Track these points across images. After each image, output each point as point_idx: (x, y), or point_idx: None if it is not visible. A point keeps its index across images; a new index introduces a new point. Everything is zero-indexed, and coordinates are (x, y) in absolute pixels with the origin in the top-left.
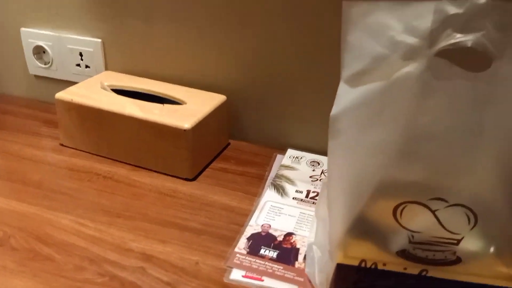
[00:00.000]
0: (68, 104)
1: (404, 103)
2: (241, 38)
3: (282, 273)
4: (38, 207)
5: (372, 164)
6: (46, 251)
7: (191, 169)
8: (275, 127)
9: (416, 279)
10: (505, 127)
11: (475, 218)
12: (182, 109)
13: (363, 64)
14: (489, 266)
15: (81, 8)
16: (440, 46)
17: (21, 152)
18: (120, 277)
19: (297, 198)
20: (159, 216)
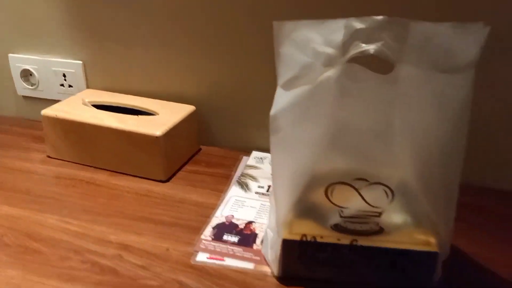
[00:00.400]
0: (53, 120)
1: (327, 102)
2: (207, 58)
3: (241, 254)
4: (27, 210)
5: (305, 153)
6: (35, 246)
7: (164, 172)
8: (241, 132)
9: (349, 248)
10: (410, 119)
11: (392, 194)
12: (155, 119)
13: (293, 72)
14: (409, 235)
15: (63, 34)
16: (351, 54)
17: (11, 165)
18: (101, 263)
19: (259, 193)
20: (135, 213)
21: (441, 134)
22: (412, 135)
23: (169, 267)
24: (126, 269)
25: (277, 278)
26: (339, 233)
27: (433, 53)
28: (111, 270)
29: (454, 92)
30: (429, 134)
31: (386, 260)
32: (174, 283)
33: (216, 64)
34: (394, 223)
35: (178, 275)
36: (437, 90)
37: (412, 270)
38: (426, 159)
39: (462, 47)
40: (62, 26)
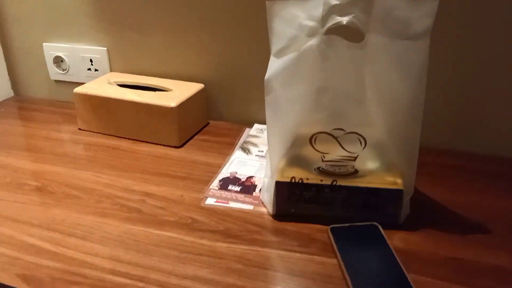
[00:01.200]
0: (83, 96)
1: (309, 66)
2: (214, 41)
3: (243, 199)
4: (66, 168)
5: (292, 109)
6: (74, 193)
7: (178, 139)
8: (244, 107)
9: (330, 187)
10: (378, 80)
11: (365, 142)
12: (169, 94)
13: (283, 42)
14: (379, 177)
15: (89, 24)
16: (328, 25)
17: (48, 135)
18: (128, 205)
19: (259, 155)
20: (154, 170)
21: (404, 92)
22: (380, 95)
23: (184, 208)
24: (149, 209)
25: (272, 215)
26: (321, 176)
27: (394, 23)
28: (137, 209)
29: (414, 56)
30: (394, 92)
31: (360, 197)
32: (187, 219)
33: (221, 46)
34: (367, 168)
35: (191, 213)
36: (399, 54)
37: (383, 206)
38: (392, 114)
39: (418, 17)
40: (89, 16)
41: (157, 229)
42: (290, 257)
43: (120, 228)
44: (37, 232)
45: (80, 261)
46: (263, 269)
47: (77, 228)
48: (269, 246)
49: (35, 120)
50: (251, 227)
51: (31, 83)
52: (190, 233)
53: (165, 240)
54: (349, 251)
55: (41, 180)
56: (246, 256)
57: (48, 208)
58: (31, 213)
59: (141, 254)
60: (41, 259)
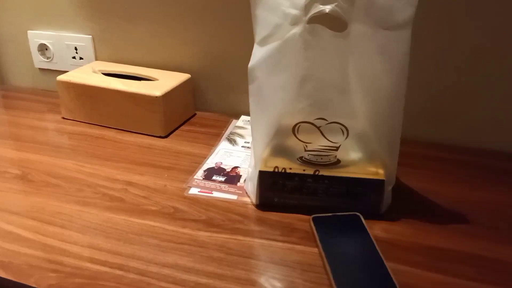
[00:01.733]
0: (67, 84)
1: (293, 54)
2: (201, 31)
3: (227, 189)
4: (47, 156)
5: (276, 98)
6: (55, 182)
7: (163, 128)
8: (232, 99)
9: (312, 177)
10: (361, 69)
11: (347, 132)
12: (155, 84)
13: (267, 31)
14: (361, 167)
15: (75, 11)
16: (311, 14)
17: (31, 124)
18: (110, 194)
19: (245, 146)
20: (139, 160)
21: (386, 82)
22: (363, 83)
23: (166, 197)
24: (131, 198)
25: (255, 205)
26: (304, 165)
27: (376, 12)
28: (119, 199)
29: (396, 46)
30: (377, 82)
31: (342, 187)
32: (170, 208)
33: (208, 36)
34: (350, 158)
35: (174, 203)
36: (381, 44)
37: (364, 196)
38: (374, 104)
39: (400, 7)
40: (74, 3)
41: (139, 218)
42: (271, 246)
43: (100, 217)
44: (16, 220)
45: (58, 249)
46: (244, 258)
47: (57, 217)
48: (251, 235)
49: (18, 109)
50: (234, 217)
51: (15, 71)
52: (172, 222)
53: (146, 229)
54: (330, 240)
55: (22, 168)
56: (228, 245)
57: (27, 196)
58: (10, 201)
59: (121, 243)
60: (19, 247)
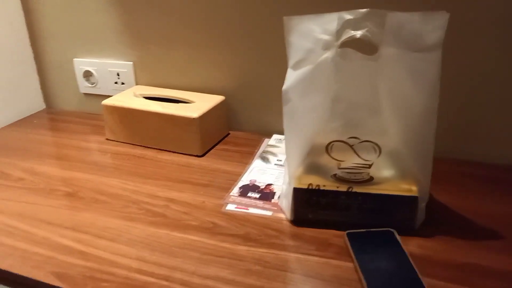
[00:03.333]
0: (111, 108)
1: (325, 77)
2: (234, 55)
3: (262, 205)
4: (94, 175)
5: (309, 118)
6: (103, 198)
7: (200, 148)
8: (264, 118)
9: (346, 194)
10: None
11: (380, 150)
12: (192, 106)
13: (299, 55)
14: (394, 184)
15: (116, 40)
16: (343, 39)
17: (79, 145)
18: (153, 210)
19: (278, 164)
20: (178, 178)
21: (417, 102)
22: (394, 104)
23: (205, 213)
24: (172, 214)
25: (290, 221)
26: (338, 183)
27: (406, 36)
28: (161, 214)
29: (426, 67)
30: (408, 102)
31: (376, 204)
32: (209, 223)
33: (241, 60)
34: (383, 175)
35: (213, 218)
36: (412, 66)
37: (398, 212)
38: (407, 123)
39: (429, 31)
40: (116, 33)
41: (181, 233)
42: (307, 260)
43: (145, 231)
44: (69, 234)
45: (109, 261)
46: (281, 271)
47: (106, 231)
48: (287, 250)
49: (65, 131)
50: (270, 232)
51: (62, 96)
52: (212, 237)
53: (188, 242)
54: (365, 256)
55: (72, 186)
56: (265, 259)
57: (78, 212)
58: (63, 216)
59: (166, 255)
60: (73, 259)
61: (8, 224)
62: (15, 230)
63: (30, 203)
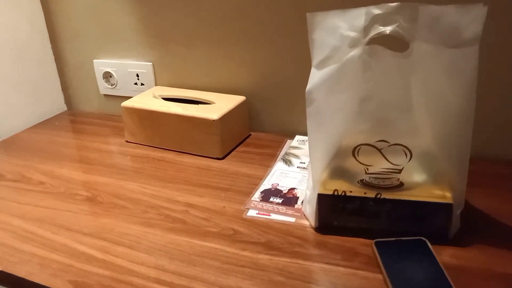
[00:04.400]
0: (130, 109)
1: (352, 76)
2: (255, 54)
3: (285, 211)
4: (113, 179)
5: (335, 120)
6: (122, 203)
7: (220, 150)
8: (286, 119)
9: (374, 200)
10: (425, 89)
11: (411, 154)
12: (212, 107)
13: (324, 54)
14: (427, 190)
15: (136, 40)
16: (371, 35)
17: (99, 147)
18: (172, 215)
19: (300, 167)
20: (197, 182)
21: (454, 101)
22: (428, 102)
23: (226, 219)
24: (192, 220)
25: (314, 228)
26: (365, 188)
27: (441, 31)
28: (181, 220)
29: (463, 63)
30: (444, 100)
31: (407, 211)
32: (229, 230)
33: (263, 58)
34: (414, 180)
35: (233, 224)
36: (447, 63)
37: (431, 220)
38: (442, 123)
39: (466, 24)
40: (135, 33)
41: (200, 240)
42: (333, 271)
43: (165, 238)
44: (88, 241)
45: (127, 269)
46: (306, 283)
47: (125, 237)
48: (312, 259)
49: (85, 133)
50: (293, 240)
51: (82, 97)
52: (232, 245)
53: (208, 250)
54: (395, 266)
55: (91, 190)
56: (288, 269)
57: (97, 217)
58: (82, 222)
59: (185, 264)
60: (91, 267)
61: (27, 230)
62: (34, 236)
63: (49, 208)
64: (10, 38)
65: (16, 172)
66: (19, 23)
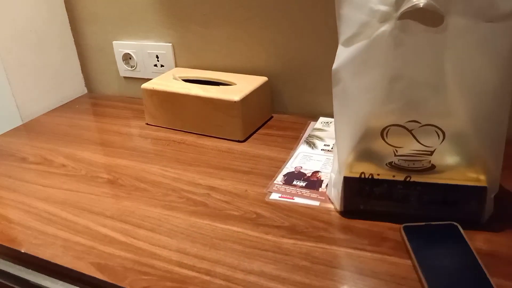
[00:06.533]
0: (150, 91)
1: (382, 53)
2: (278, 32)
3: (308, 195)
4: (134, 161)
5: (363, 100)
6: (143, 186)
7: (242, 133)
8: (309, 100)
9: (403, 183)
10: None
11: (444, 135)
12: (233, 88)
13: (353, 30)
14: (459, 173)
15: (155, 21)
16: (403, 9)
17: (118, 130)
18: (193, 198)
19: (325, 150)
20: (219, 164)
21: (490, 79)
22: (462, 81)
23: (248, 203)
24: (214, 203)
25: (339, 212)
26: (394, 171)
27: (477, 3)
28: (202, 203)
29: (500, 39)
30: (479, 79)
31: (438, 194)
32: (252, 214)
33: (285, 37)
34: (446, 162)
35: (256, 208)
36: (484, 38)
37: (463, 205)
38: (476, 103)
39: None
40: (154, 14)
41: (222, 223)
42: (359, 256)
43: (186, 222)
44: (109, 223)
45: (149, 252)
46: (331, 268)
47: (146, 220)
48: (337, 244)
49: (106, 116)
50: (318, 224)
51: (103, 80)
52: (255, 228)
53: (230, 234)
54: (425, 252)
55: (113, 173)
56: (313, 254)
57: (119, 200)
58: (104, 204)
59: (207, 248)
60: (114, 249)
61: (51, 212)
62: (57, 219)
63: (72, 190)
64: (30, 22)
65: (39, 155)
66: (38, 6)
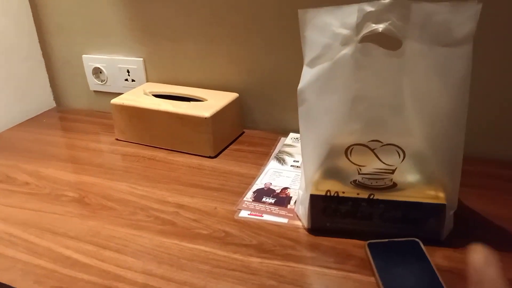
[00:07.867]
0: (120, 107)
1: (344, 75)
2: (249, 49)
3: (277, 212)
4: (102, 179)
5: (327, 120)
6: (110, 204)
7: (212, 149)
8: (280, 116)
9: (367, 201)
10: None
11: (404, 154)
12: (204, 104)
13: (316, 52)
14: (419, 191)
15: (126, 35)
16: (363, 33)
17: (86, 146)
18: (162, 217)
19: (294, 166)
20: (189, 181)
21: (445, 101)
22: (419, 102)
23: (217, 221)
24: (182, 221)
25: (307, 229)
26: (358, 189)
27: (433, 29)
28: (170, 222)
29: (455, 63)
30: (435, 101)
31: (399, 212)
32: (221, 232)
33: (256, 54)
34: (407, 180)
35: (224, 226)
36: (439, 62)
37: (424, 221)
38: (433, 124)
39: (459, 23)
40: (125, 28)
41: (190, 243)
42: (325, 274)
43: (153, 241)
44: (73, 245)
45: (114, 274)
46: (298, 286)
47: (112, 241)
48: (304, 262)
49: (74, 131)
50: (285, 242)
51: (72, 94)
52: (223, 247)
53: (198, 254)
54: (388, 269)
55: (78, 191)
56: (280, 272)
57: (84, 220)
58: (68, 225)
59: (174, 268)
60: (76, 272)
61: (11, 233)
62: (17, 240)
63: (34, 210)
64: None
65: (0, 172)
66: (4, 17)
